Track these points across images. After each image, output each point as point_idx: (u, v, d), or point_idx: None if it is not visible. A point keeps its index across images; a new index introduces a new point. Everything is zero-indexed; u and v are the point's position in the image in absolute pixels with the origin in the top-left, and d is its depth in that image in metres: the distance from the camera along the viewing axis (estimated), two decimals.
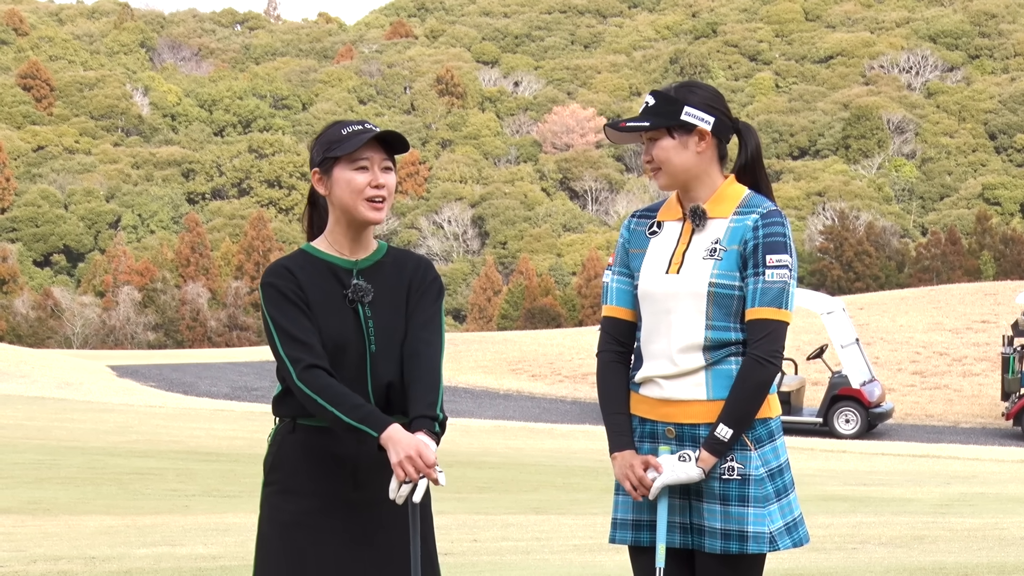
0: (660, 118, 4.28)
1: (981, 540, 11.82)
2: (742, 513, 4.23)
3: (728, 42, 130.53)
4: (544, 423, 32.52)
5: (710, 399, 4.24)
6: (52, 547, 10.90)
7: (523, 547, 11.47)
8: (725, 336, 4.24)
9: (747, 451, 4.25)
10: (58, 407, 30.84)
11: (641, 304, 4.33)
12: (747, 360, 4.21)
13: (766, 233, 4.24)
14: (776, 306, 4.22)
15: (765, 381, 4.21)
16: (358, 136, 4.10)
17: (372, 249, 4.21)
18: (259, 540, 4.16)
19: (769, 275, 4.21)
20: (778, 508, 4.27)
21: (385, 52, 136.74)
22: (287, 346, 4.04)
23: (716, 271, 4.24)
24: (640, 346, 4.34)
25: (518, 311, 79.16)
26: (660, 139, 4.29)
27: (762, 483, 4.25)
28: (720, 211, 4.31)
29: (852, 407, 30.16)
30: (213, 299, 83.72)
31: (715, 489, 4.25)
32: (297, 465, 4.11)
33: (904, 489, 19.14)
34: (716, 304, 4.24)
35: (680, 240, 4.32)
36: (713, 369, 4.24)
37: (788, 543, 4.27)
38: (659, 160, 4.30)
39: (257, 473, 4.52)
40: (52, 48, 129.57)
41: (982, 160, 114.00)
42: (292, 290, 4.08)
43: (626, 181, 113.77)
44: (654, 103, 4.30)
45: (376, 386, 4.11)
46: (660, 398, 4.29)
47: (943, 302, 46.91)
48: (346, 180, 4.11)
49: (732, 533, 4.23)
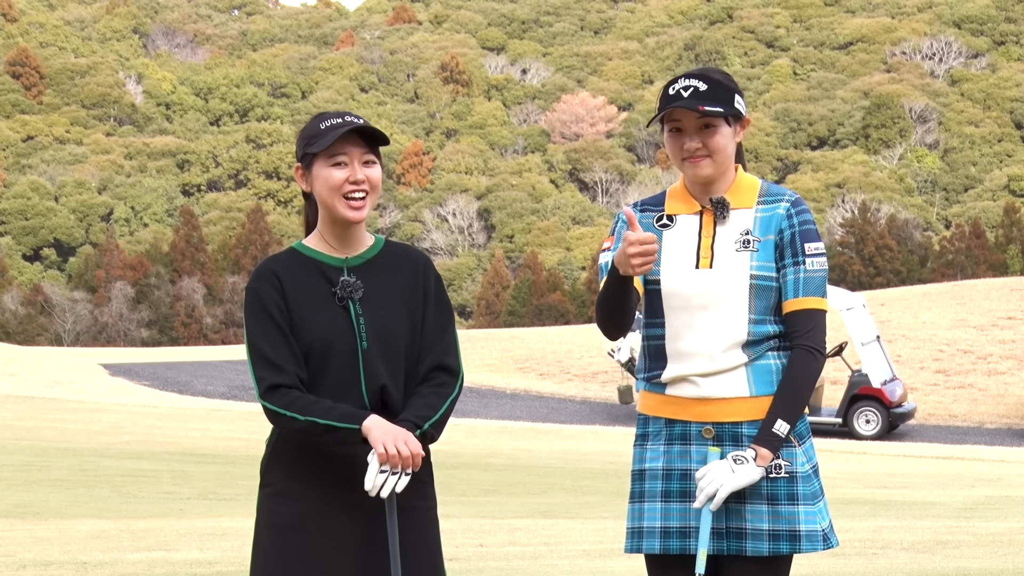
0: (722, 104, 4.27)
1: (1007, 545, 11.72)
2: (792, 512, 4.24)
3: (744, 28, 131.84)
4: (552, 423, 32.74)
5: (753, 395, 4.26)
6: (42, 552, 11.02)
7: (531, 552, 11.54)
8: (765, 329, 4.27)
9: (792, 448, 4.28)
10: (48, 407, 31.06)
11: (665, 302, 4.31)
12: (799, 351, 4.24)
13: (801, 221, 4.29)
14: (819, 295, 4.26)
15: (816, 373, 4.27)
16: (333, 131, 4.12)
17: (366, 245, 4.26)
18: (255, 543, 4.19)
19: (810, 264, 4.25)
20: (824, 505, 4.33)
21: (387, 38, 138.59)
22: (256, 364, 4.11)
23: (755, 262, 4.26)
24: (663, 345, 4.32)
25: (525, 307, 79.77)
26: (720, 126, 4.28)
27: (809, 480, 4.28)
28: (742, 201, 4.33)
29: (873, 407, 30.13)
30: (209, 295, 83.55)
31: (762, 489, 4.25)
32: (293, 467, 4.14)
33: (927, 492, 19.21)
34: (758, 297, 4.25)
35: (703, 233, 4.32)
36: (754, 365, 4.26)
37: (836, 541, 4.32)
38: (714, 148, 4.27)
39: (254, 475, 4.54)
40: (42, 34, 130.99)
41: (1008, 150, 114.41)
42: (274, 301, 4.13)
43: (638, 172, 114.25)
44: (707, 88, 4.27)
45: (371, 388, 4.14)
46: (696, 397, 4.28)
47: (967, 298, 46.33)
48: (324, 177, 4.15)
49: (782, 533, 4.24)
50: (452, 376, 4.20)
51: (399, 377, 4.15)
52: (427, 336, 4.19)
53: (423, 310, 4.19)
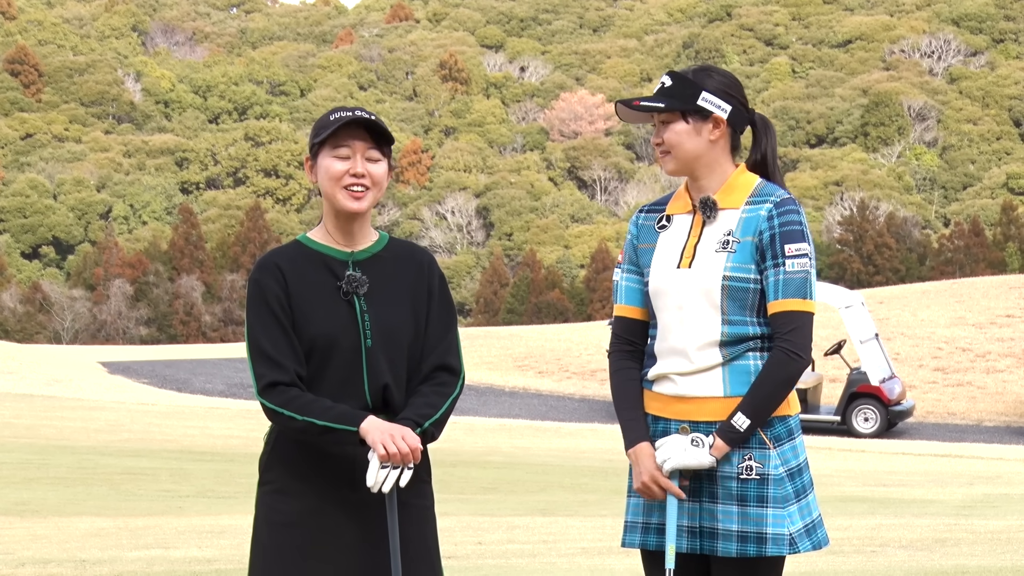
0: (676, 100, 4.31)
1: (1005, 543, 11.73)
2: (761, 514, 4.25)
3: (743, 25, 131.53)
4: (551, 421, 32.74)
5: (727, 395, 4.27)
6: (41, 550, 11.00)
7: (529, 550, 11.53)
8: (742, 331, 4.27)
9: (766, 449, 4.27)
10: (47, 404, 31.02)
11: (653, 301, 4.37)
12: (775, 353, 4.24)
13: (782, 222, 4.27)
14: (800, 297, 4.25)
15: (792, 375, 4.25)
16: (339, 122, 4.12)
17: (371, 240, 4.23)
18: (254, 541, 4.16)
19: (790, 265, 4.24)
20: (797, 509, 4.30)
21: (386, 36, 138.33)
22: (256, 360, 4.07)
23: (730, 264, 4.27)
24: (653, 343, 4.38)
25: (524, 305, 79.70)
26: (673, 122, 4.32)
27: (781, 483, 4.28)
28: (731, 201, 4.34)
29: (871, 405, 30.05)
30: (208, 293, 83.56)
31: (732, 490, 4.27)
32: (293, 465, 4.11)
33: (925, 490, 19.21)
34: (731, 298, 4.26)
35: (691, 233, 4.35)
36: (731, 365, 4.27)
37: (808, 545, 4.31)
38: (670, 144, 4.33)
39: (253, 473, 4.43)
40: (41, 32, 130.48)
41: (1007, 148, 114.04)
42: (275, 295, 4.09)
43: (636, 170, 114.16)
44: (671, 84, 4.32)
45: (373, 387, 4.10)
46: (674, 395, 4.33)
47: (966, 296, 46.14)
48: (325, 167, 4.14)
49: (750, 535, 4.25)
50: (454, 376, 4.17)
51: (402, 376, 4.12)
52: (430, 335, 4.17)
53: (427, 308, 4.17)
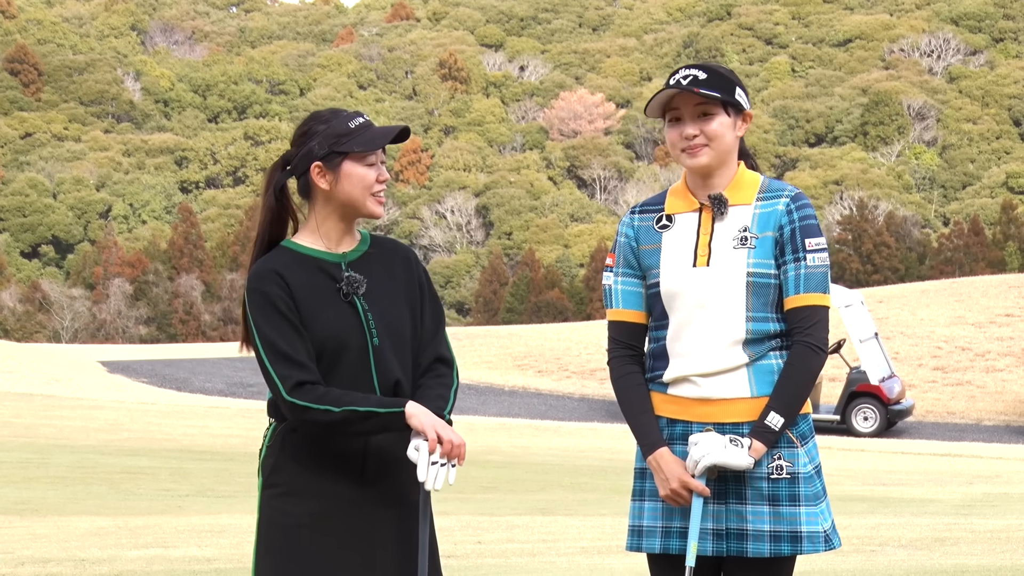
0: (721, 92, 4.23)
1: (1005, 542, 11.74)
2: (794, 513, 4.22)
3: (743, 25, 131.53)
4: (550, 420, 32.76)
5: (754, 396, 4.23)
6: (41, 549, 11.02)
7: (529, 549, 11.55)
8: (765, 328, 4.24)
9: (794, 448, 4.25)
10: (47, 404, 31.06)
11: (666, 302, 4.29)
12: (799, 347, 4.21)
13: (801, 216, 4.24)
14: (821, 291, 4.23)
15: (816, 370, 4.22)
16: (367, 130, 4.14)
17: (357, 240, 4.25)
18: (261, 545, 4.13)
19: (811, 260, 4.22)
20: (827, 506, 4.31)
21: (386, 35, 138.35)
22: (276, 363, 4.03)
23: (752, 260, 4.23)
24: (665, 345, 4.32)
25: (523, 304, 79.74)
26: (718, 114, 4.25)
27: (811, 480, 4.26)
28: (741, 198, 4.29)
29: (871, 404, 30.10)
30: (207, 292, 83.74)
31: (763, 490, 4.23)
32: (301, 467, 4.10)
33: (925, 489, 19.24)
34: (755, 294, 4.23)
35: (700, 231, 4.29)
36: (755, 365, 4.23)
37: (838, 541, 4.30)
38: (712, 136, 4.24)
39: (252, 472, 4.14)
40: (40, 31, 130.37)
41: (1006, 147, 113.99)
42: (282, 299, 4.07)
43: (636, 169, 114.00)
44: (707, 76, 4.23)
45: (383, 384, 4.11)
46: (697, 397, 4.26)
47: (966, 295, 46.28)
48: (359, 176, 4.15)
49: (783, 535, 4.22)
50: (449, 367, 4.20)
51: (409, 371, 4.14)
52: (426, 328, 4.20)
53: (420, 302, 4.20)
